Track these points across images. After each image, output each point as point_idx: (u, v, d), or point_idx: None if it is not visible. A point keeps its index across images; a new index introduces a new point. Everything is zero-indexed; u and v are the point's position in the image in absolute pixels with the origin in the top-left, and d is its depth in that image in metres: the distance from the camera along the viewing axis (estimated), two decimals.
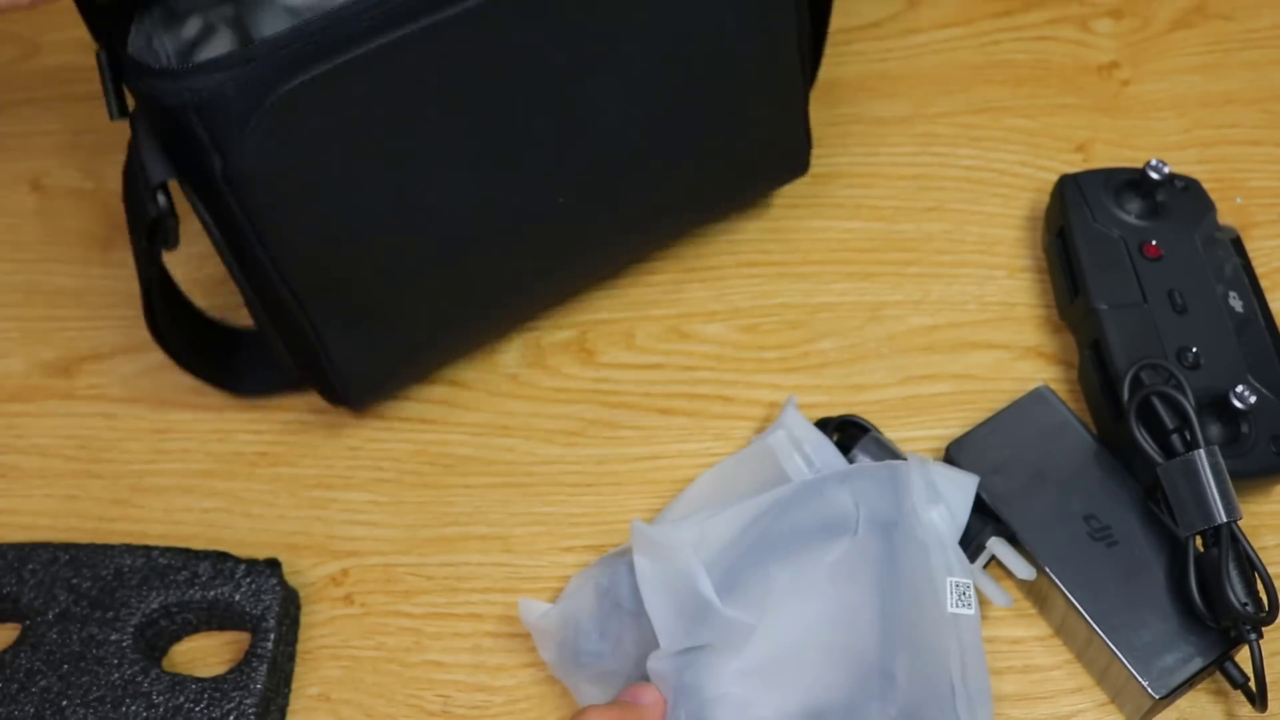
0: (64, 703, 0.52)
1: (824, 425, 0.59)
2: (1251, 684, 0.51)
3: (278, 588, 0.55)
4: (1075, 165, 0.68)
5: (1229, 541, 0.51)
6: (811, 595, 0.50)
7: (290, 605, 0.56)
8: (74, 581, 0.55)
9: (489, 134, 0.53)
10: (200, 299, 0.62)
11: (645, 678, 0.50)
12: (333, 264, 0.53)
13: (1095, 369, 0.58)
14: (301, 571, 0.58)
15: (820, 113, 0.70)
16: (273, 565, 0.56)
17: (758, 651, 0.49)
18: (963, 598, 0.50)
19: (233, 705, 0.52)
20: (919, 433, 0.60)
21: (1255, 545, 0.51)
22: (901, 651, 0.49)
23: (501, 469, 0.61)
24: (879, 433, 0.58)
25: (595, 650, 0.52)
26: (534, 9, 0.51)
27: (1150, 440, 0.53)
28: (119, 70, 0.50)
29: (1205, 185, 0.63)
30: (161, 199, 0.51)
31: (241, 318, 0.63)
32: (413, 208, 0.53)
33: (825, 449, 0.56)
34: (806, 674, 0.49)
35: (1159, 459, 0.53)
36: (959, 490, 0.53)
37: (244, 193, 0.49)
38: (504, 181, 0.54)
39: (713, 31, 0.55)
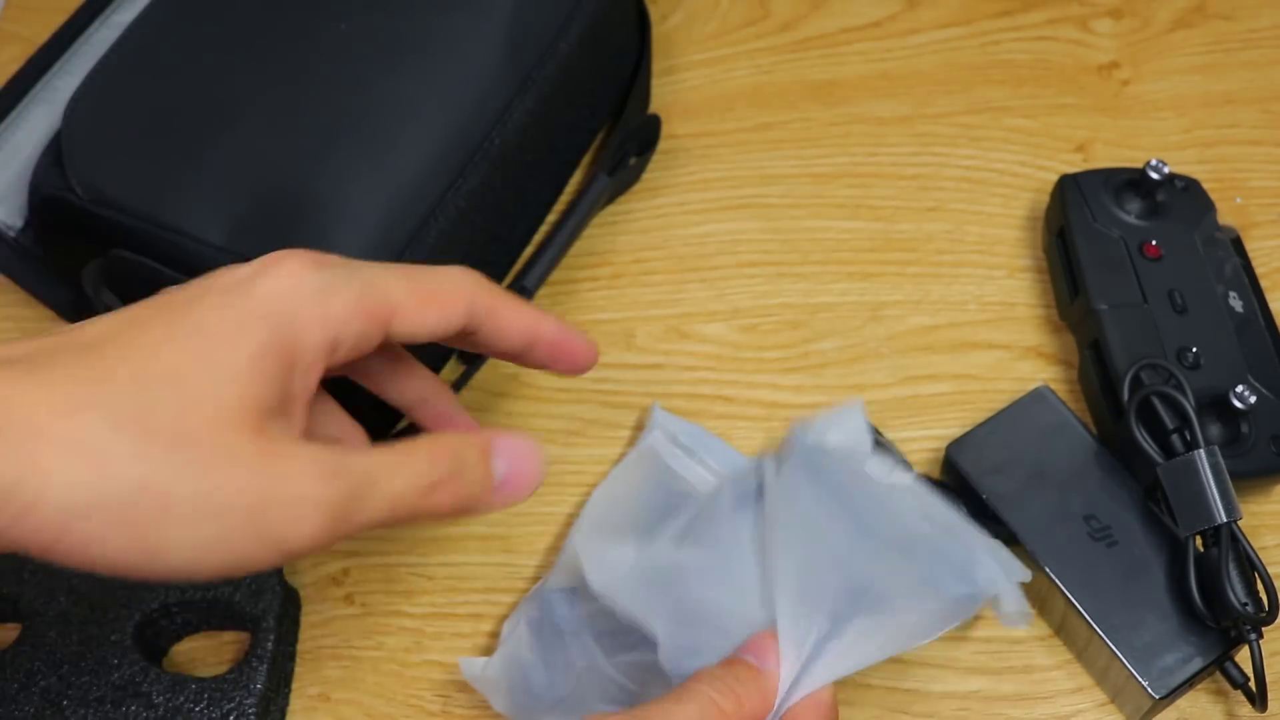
0: (64, 703, 0.52)
1: None
2: (1251, 684, 0.51)
3: (278, 588, 0.55)
4: (1075, 165, 0.68)
5: (1229, 541, 0.51)
6: (790, 544, 0.47)
7: (290, 605, 0.56)
8: (74, 581, 0.55)
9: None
10: None
11: (597, 693, 0.50)
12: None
13: (1095, 369, 0.58)
14: (301, 571, 0.58)
15: (820, 113, 0.71)
16: None
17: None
18: (891, 471, 0.50)
19: (233, 705, 0.52)
20: (919, 433, 0.60)
21: (1255, 545, 0.51)
22: (875, 545, 0.48)
23: None
24: (879, 432, 0.58)
25: (546, 682, 0.51)
26: None
27: (1150, 440, 0.53)
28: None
29: (1205, 185, 0.63)
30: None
31: None
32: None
33: (699, 435, 0.58)
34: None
35: (1159, 459, 0.53)
36: (847, 419, 0.51)
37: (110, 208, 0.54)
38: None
39: None
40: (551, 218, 0.66)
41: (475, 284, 0.43)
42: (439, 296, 0.41)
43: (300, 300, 0.38)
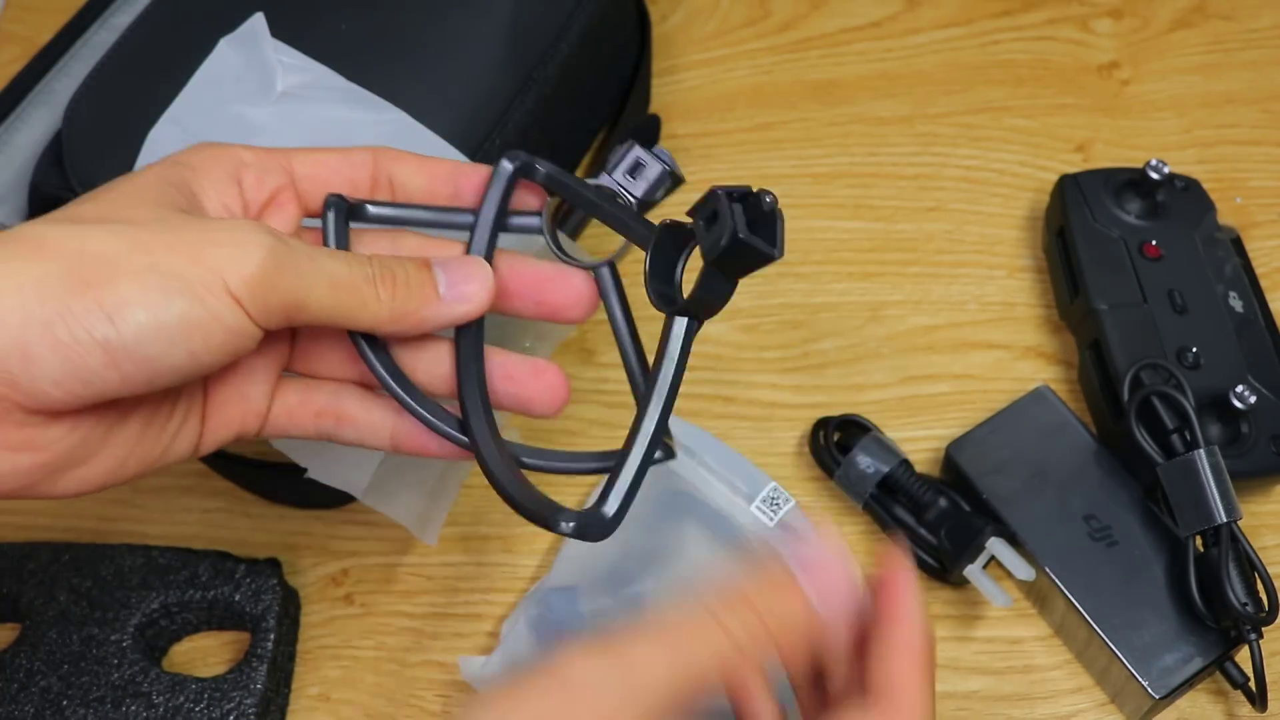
0: (64, 703, 0.52)
1: (824, 425, 0.59)
2: (1251, 684, 0.51)
3: (278, 588, 0.55)
4: (1075, 165, 0.68)
5: (1229, 541, 0.51)
6: None
7: (290, 605, 0.56)
8: (74, 581, 0.55)
9: None
10: None
11: None
12: None
13: (1095, 369, 0.58)
14: (301, 571, 0.58)
15: (820, 113, 0.71)
16: (273, 565, 0.56)
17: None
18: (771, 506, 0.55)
19: (233, 705, 0.52)
20: (919, 433, 0.60)
21: (1255, 545, 0.51)
22: None
23: None
24: (880, 432, 0.58)
25: None
26: None
27: (1150, 440, 0.53)
28: None
29: (1205, 185, 0.63)
30: None
31: None
32: None
33: (700, 437, 0.58)
34: None
35: (1159, 459, 0.53)
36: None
37: None
38: None
39: None
40: None
41: (383, 147, 0.44)
42: (340, 148, 0.43)
43: (201, 149, 0.42)
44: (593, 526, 0.39)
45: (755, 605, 0.36)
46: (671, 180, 0.44)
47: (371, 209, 0.43)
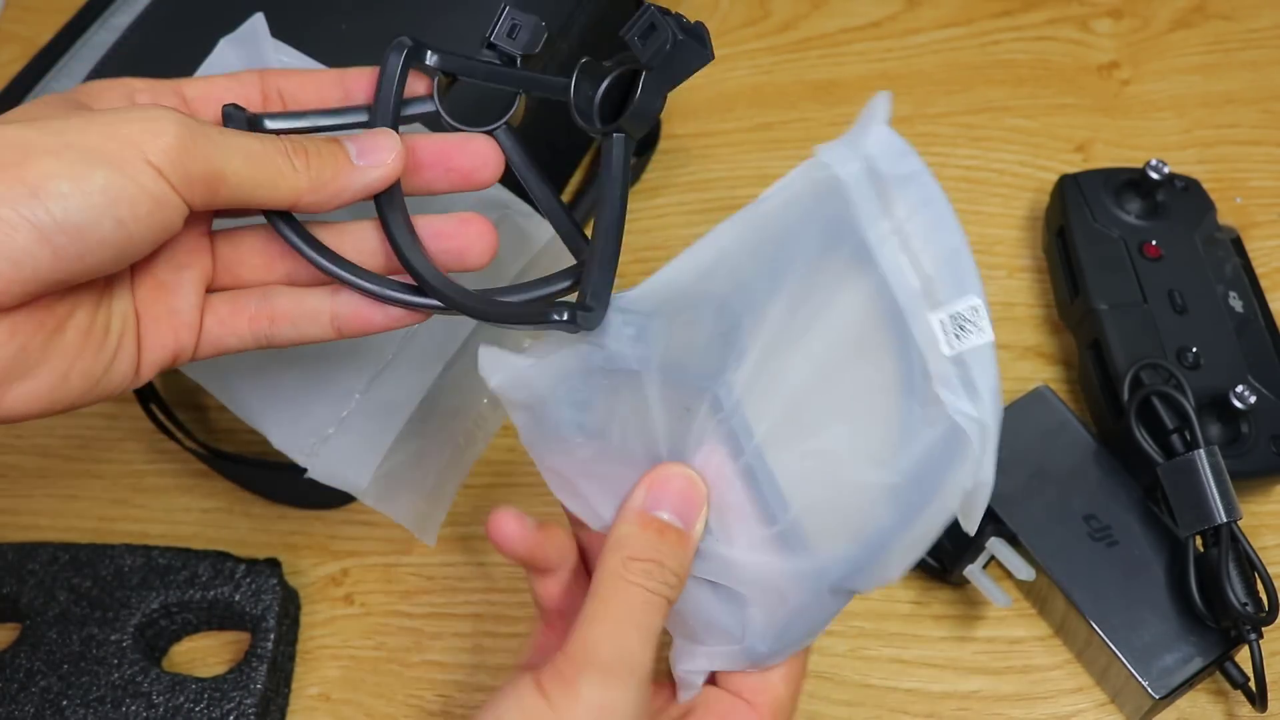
0: (64, 703, 0.52)
1: None
2: (1251, 684, 0.51)
3: (278, 588, 0.55)
4: (1075, 165, 0.68)
5: (1229, 541, 0.51)
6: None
7: (290, 605, 0.56)
8: (74, 581, 0.55)
9: None
10: None
11: (635, 461, 0.43)
12: None
13: (1095, 369, 0.58)
14: (301, 571, 0.58)
15: (820, 113, 0.71)
16: (273, 565, 0.56)
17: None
18: (957, 327, 0.39)
19: (233, 705, 0.52)
20: None
21: (1255, 545, 0.51)
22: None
23: (501, 468, 0.61)
24: None
25: (572, 421, 0.43)
26: None
27: (1150, 440, 0.53)
28: None
29: (1205, 185, 0.63)
30: None
31: None
32: None
33: (918, 176, 0.39)
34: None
35: (1159, 459, 0.53)
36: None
37: None
38: None
39: None
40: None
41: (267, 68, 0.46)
42: (227, 73, 0.45)
43: (91, 84, 0.43)
44: (582, 316, 0.40)
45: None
46: (545, 30, 0.45)
47: (269, 122, 0.43)
